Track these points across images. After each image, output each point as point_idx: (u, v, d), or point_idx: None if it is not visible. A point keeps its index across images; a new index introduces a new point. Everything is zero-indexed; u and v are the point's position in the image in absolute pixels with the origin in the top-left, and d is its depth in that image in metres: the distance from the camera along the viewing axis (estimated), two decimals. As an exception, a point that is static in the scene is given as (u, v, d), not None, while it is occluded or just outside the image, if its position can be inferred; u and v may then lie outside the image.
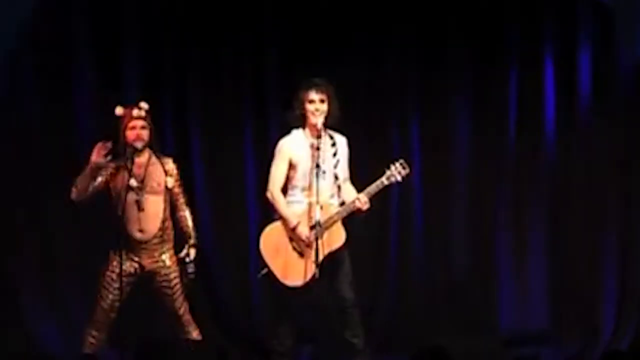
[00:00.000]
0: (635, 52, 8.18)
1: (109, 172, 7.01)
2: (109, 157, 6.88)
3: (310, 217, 6.97)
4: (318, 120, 7.00)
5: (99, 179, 6.96)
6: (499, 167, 8.37)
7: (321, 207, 6.94)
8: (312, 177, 6.96)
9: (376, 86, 8.36)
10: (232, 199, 8.33)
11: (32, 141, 8.07)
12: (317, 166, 6.96)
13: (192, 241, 7.14)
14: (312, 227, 6.94)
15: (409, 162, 7.13)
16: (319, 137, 7.04)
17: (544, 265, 8.29)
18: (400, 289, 8.34)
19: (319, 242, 6.85)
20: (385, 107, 8.38)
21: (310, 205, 6.98)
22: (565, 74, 8.30)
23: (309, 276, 6.92)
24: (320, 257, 6.86)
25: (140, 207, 6.96)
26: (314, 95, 7.00)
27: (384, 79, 8.36)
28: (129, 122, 6.99)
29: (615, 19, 8.19)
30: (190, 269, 7.09)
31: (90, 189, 6.94)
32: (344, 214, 7.01)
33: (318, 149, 7.01)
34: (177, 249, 7.17)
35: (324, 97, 7.02)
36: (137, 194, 6.96)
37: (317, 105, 7.01)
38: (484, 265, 8.33)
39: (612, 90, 8.24)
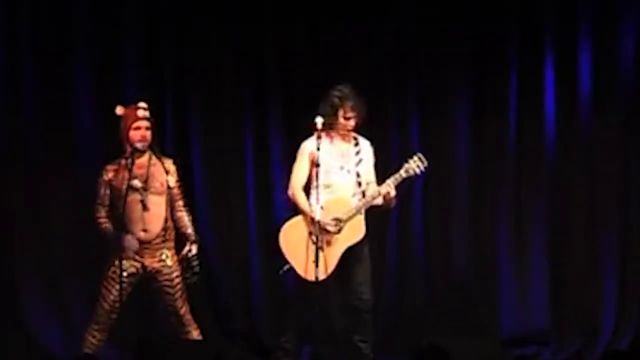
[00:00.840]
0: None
1: (110, 176, 7.03)
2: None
3: (335, 210, 7.08)
4: (346, 130, 7.16)
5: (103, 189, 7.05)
6: (499, 167, 8.37)
7: (321, 208, 6.97)
8: (338, 172, 7.11)
9: (376, 86, 8.35)
10: (232, 199, 8.33)
11: (32, 141, 8.06)
12: (317, 165, 7.04)
13: (192, 238, 7.14)
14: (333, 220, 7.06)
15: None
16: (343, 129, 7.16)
17: (544, 265, 8.28)
18: (400, 289, 8.34)
19: (340, 236, 6.92)
20: (385, 107, 8.38)
21: (334, 200, 7.09)
22: (565, 74, 8.29)
23: (330, 270, 6.99)
24: (340, 252, 6.99)
25: (145, 207, 6.97)
26: (350, 113, 7.14)
27: (383, 79, 8.36)
28: (133, 122, 6.99)
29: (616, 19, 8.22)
30: (195, 262, 7.09)
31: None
32: (364, 207, 7.11)
33: (318, 148, 7.05)
34: (178, 248, 7.18)
35: (357, 114, 7.15)
36: (141, 194, 6.97)
37: (350, 122, 7.15)
38: (484, 265, 8.33)
39: (612, 90, 8.24)
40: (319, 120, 7.07)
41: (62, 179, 8.08)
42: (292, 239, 7.10)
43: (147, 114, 7.00)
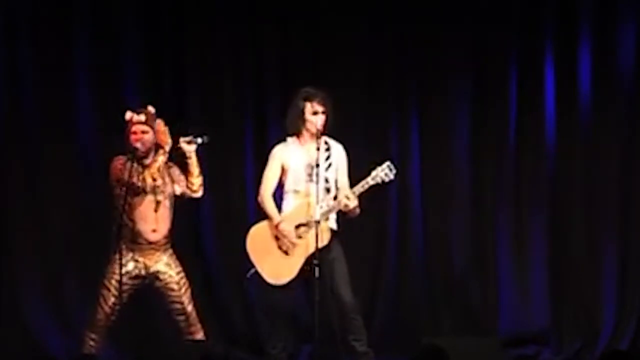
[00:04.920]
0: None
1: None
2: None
3: (302, 216, 7.07)
4: (318, 129, 7.09)
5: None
6: (499, 167, 8.37)
7: (321, 207, 7.01)
8: (308, 177, 7.08)
9: (375, 85, 8.36)
10: (232, 199, 8.33)
11: (32, 142, 8.06)
12: (317, 165, 7.04)
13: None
14: (297, 226, 7.06)
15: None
16: (317, 137, 7.10)
17: (544, 265, 8.28)
18: (400, 289, 8.34)
19: (304, 241, 6.99)
20: (384, 107, 8.38)
21: (306, 204, 7.06)
22: (565, 73, 8.30)
23: (295, 274, 7.03)
24: (303, 258, 6.99)
25: (157, 208, 7.00)
26: (317, 107, 7.10)
27: (383, 78, 8.36)
28: (131, 127, 7.03)
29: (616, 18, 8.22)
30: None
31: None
32: (328, 213, 7.08)
33: (318, 149, 7.07)
34: (177, 249, 7.20)
35: (325, 109, 7.11)
36: (156, 195, 7.01)
37: (319, 117, 7.10)
38: (484, 265, 8.33)
39: (612, 89, 8.24)
40: (319, 129, 7.09)
41: (63, 180, 8.08)
42: (259, 243, 7.13)
43: (141, 118, 7.01)
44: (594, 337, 8.13)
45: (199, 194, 7.23)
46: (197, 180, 7.17)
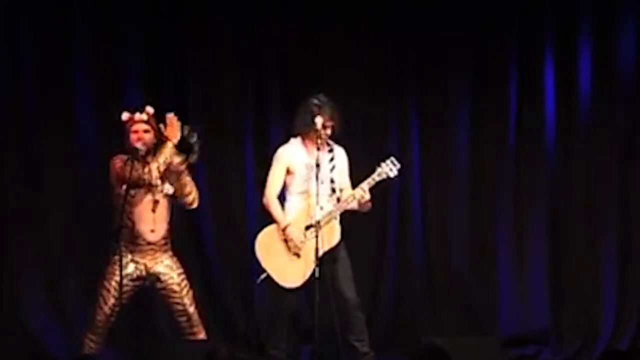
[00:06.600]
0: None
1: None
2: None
3: (308, 217, 7.09)
4: (324, 138, 7.16)
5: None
6: (499, 167, 8.37)
7: (321, 208, 7.03)
8: (312, 178, 7.07)
9: (375, 85, 8.36)
10: (232, 200, 8.32)
11: (32, 142, 8.05)
12: (317, 166, 7.05)
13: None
14: (307, 227, 7.09)
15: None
16: (319, 138, 7.12)
17: (544, 265, 8.29)
18: (400, 289, 8.35)
19: (317, 241, 6.94)
20: (384, 107, 8.39)
21: (308, 205, 7.08)
22: (565, 73, 8.30)
23: (307, 276, 7.03)
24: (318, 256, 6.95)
25: (155, 208, 7.00)
26: (328, 121, 7.13)
27: (383, 79, 8.36)
28: (131, 125, 7.03)
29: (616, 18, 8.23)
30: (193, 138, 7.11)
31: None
32: (339, 212, 7.13)
33: (318, 149, 7.09)
34: (178, 250, 7.20)
35: (335, 122, 7.15)
36: (154, 194, 7.00)
37: (327, 131, 7.14)
38: (484, 265, 8.33)
39: (612, 89, 8.25)
40: (319, 121, 7.09)
41: (63, 180, 8.08)
42: (268, 247, 7.15)
43: (143, 117, 7.03)
44: (594, 337, 8.14)
45: (194, 206, 7.25)
46: (188, 199, 7.18)
